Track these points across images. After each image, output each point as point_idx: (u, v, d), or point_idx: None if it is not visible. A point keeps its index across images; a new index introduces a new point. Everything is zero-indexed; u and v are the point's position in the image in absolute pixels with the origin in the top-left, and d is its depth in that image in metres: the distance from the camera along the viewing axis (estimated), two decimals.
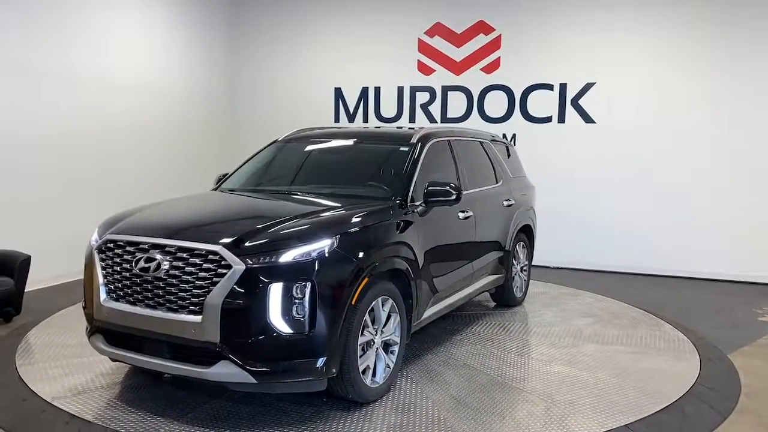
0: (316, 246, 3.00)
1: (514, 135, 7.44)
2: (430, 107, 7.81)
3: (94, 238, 3.43)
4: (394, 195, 3.78)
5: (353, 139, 4.64)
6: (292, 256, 2.94)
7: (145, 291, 3.08)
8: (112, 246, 3.26)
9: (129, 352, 3.18)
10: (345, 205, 3.62)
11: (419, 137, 4.25)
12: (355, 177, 4.22)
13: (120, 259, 3.20)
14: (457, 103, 7.69)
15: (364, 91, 8.04)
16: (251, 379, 2.88)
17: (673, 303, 5.84)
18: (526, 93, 7.43)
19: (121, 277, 3.18)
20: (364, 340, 3.24)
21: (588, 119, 7.23)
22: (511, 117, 7.51)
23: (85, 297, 3.41)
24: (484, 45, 7.52)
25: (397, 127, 6.39)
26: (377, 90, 8.00)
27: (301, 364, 2.94)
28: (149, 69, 7.08)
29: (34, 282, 5.26)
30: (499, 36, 7.46)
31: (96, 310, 3.27)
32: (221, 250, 2.92)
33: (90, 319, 3.36)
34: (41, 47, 5.71)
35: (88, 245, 3.45)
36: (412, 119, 7.86)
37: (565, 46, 7.22)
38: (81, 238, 3.61)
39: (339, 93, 8.15)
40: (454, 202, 3.90)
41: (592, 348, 4.36)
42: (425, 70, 7.79)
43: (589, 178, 7.21)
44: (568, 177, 7.23)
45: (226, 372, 2.88)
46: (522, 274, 5.60)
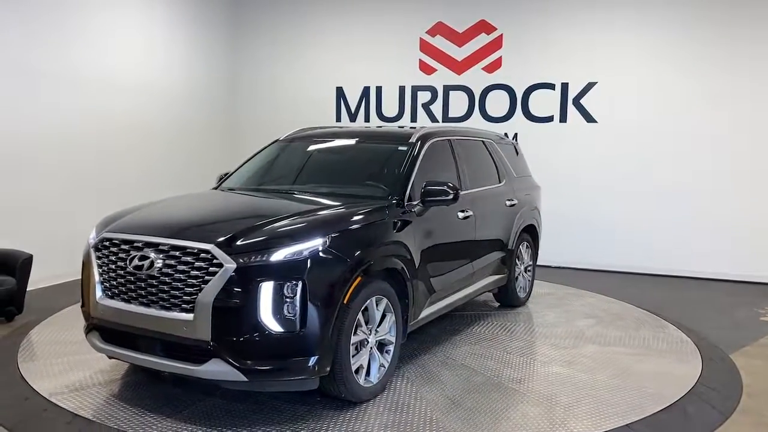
0: (308, 245, 3.00)
1: (516, 135, 7.42)
2: (432, 107, 7.80)
3: (91, 236, 3.46)
4: (391, 194, 3.77)
5: (353, 139, 4.64)
6: (283, 255, 2.94)
7: (139, 289, 3.10)
8: (108, 244, 3.29)
9: (124, 350, 3.20)
10: (341, 204, 3.62)
11: (418, 137, 4.24)
12: (354, 176, 4.21)
13: (115, 257, 3.23)
14: (458, 103, 7.68)
15: (366, 91, 8.04)
16: (242, 377, 2.88)
17: (675, 303, 5.80)
18: (528, 92, 7.41)
19: (116, 275, 3.20)
20: (357, 340, 3.23)
21: (589, 119, 7.21)
22: (512, 116, 7.49)
23: (83, 295, 3.44)
24: (486, 44, 7.50)
25: (399, 127, 6.38)
26: (379, 89, 7.99)
27: (293, 363, 2.93)
28: (150, 69, 7.11)
29: (35, 281, 5.29)
30: (501, 35, 7.44)
31: (92, 308, 3.30)
32: (213, 248, 2.93)
33: (87, 317, 3.39)
34: (41, 47, 5.74)
35: (86, 243, 3.48)
36: (414, 119, 7.85)
37: (567, 46, 7.20)
38: (82, 237, 3.64)
39: (340, 92, 8.16)
40: (452, 201, 3.88)
41: (593, 349, 4.33)
42: (427, 69, 7.78)
43: (591, 178, 7.19)
44: (570, 176, 7.20)
45: (217, 370, 2.89)
46: (526, 274, 5.56)
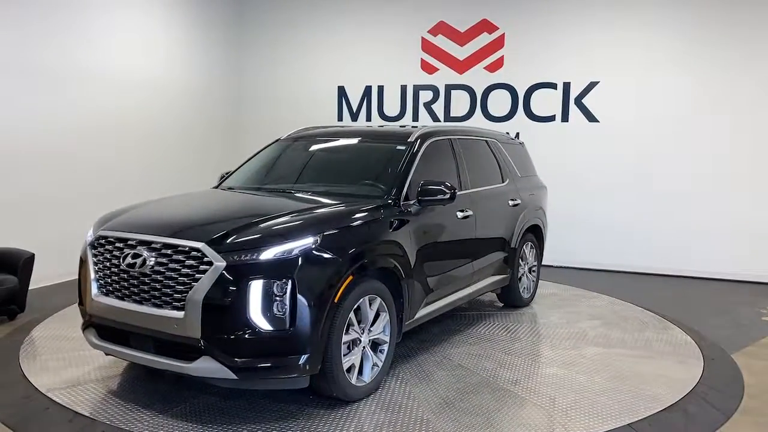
0: (298, 244, 3.00)
1: (518, 134, 7.38)
2: (434, 106, 7.78)
3: (89, 234, 3.50)
4: (388, 194, 3.76)
5: (353, 138, 4.64)
6: (272, 253, 2.94)
7: (132, 286, 3.12)
8: (104, 242, 3.32)
9: (118, 346, 3.23)
10: (336, 203, 3.61)
11: (417, 136, 4.23)
12: (353, 176, 4.20)
13: (110, 255, 3.26)
14: (460, 102, 7.66)
15: (368, 90, 8.04)
16: (231, 375, 2.89)
17: (678, 303, 5.75)
18: (530, 92, 7.38)
19: (110, 273, 3.23)
20: (349, 339, 3.22)
21: (591, 118, 7.17)
22: (514, 116, 7.46)
23: (80, 292, 3.47)
24: (488, 44, 7.47)
25: (401, 126, 6.38)
26: (380, 89, 7.99)
27: (282, 361, 2.93)
28: (152, 69, 7.14)
29: (37, 280, 5.32)
30: (503, 35, 7.41)
31: (88, 305, 3.34)
32: (203, 247, 2.95)
33: (84, 314, 3.43)
34: (42, 47, 5.77)
35: (84, 241, 3.51)
36: (416, 118, 7.84)
37: (569, 45, 7.16)
38: (84, 236, 3.68)
39: (342, 92, 8.16)
40: (448, 201, 3.86)
41: (594, 351, 4.28)
42: (428, 68, 7.76)
43: (593, 177, 7.15)
44: (571, 176, 7.15)
45: (207, 367, 2.90)
46: (530, 274, 5.51)
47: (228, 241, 2.98)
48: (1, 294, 4.62)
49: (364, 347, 3.35)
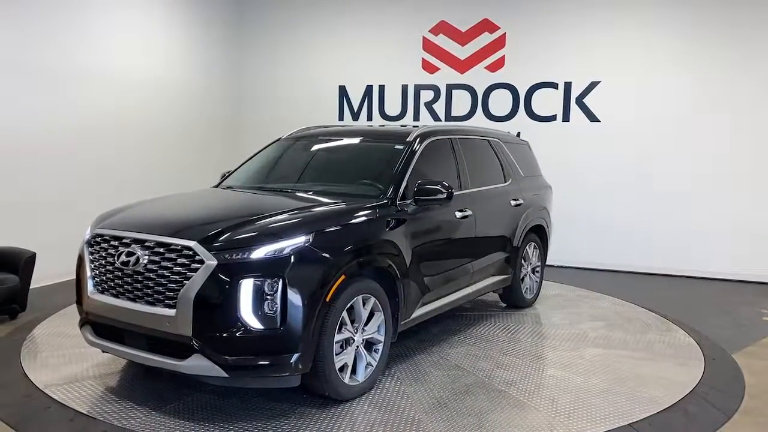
0: (289, 243, 3.00)
1: (519, 133, 7.35)
2: (435, 105, 7.78)
3: (87, 232, 3.52)
4: (384, 193, 3.75)
5: (353, 138, 4.63)
6: (264, 252, 2.94)
7: (126, 284, 3.14)
8: (99, 240, 3.35)
9: (114, 344, 3.25)
10: (330, 203, 3.61)
11: (416, 135, 4.22)
12: (351, 175, 4.20)
13: (105, 253, 3.28)
14: (461, 102, 7.65)
15: (369, 90, 8.04)
16: (222, 372, 2.90)
17: (680, 303, 5.72)
18: (531, 91, 7.37)
19: (105, 270, 3.25)
20: (342, 338, 3.22)
21: (593, 118, 7.15)
22: (515, 115, 7.45)
23: (78, 290, 3.49)
24: (489, 43, 7.46)
25: (401, 126, 6.37)
26: (381, 88, 7.99)
27: (273, 360, 2.93)
28: (153, 68, 7.16)
29: (38, 279, 5.35)
30: (504, 34, 7.40)
31: (85, 303, 3.37)
32: (195, 245, 2.95)
33: (81, 311, 3.45)
34: (41, 46, 5.79)
35: (82, 240, 3.53)
36: (417, 117, 7.84)
37: (570, 45, 7.15)
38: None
39: (343, 91, 8.16)
40: (445, 201, 3.85)
41: (594, 352, 4.24)
42: (430, 68, 7.75)
43: (593, 177, 7.13)
44: (572, 175, 7.13)
45: (199, 365, 2.91)
46: (533, 275, 5.48)
47: (220, 239, 2.98)
48: (2, 293, 4.64)
49: (357, 346, 3.34)
